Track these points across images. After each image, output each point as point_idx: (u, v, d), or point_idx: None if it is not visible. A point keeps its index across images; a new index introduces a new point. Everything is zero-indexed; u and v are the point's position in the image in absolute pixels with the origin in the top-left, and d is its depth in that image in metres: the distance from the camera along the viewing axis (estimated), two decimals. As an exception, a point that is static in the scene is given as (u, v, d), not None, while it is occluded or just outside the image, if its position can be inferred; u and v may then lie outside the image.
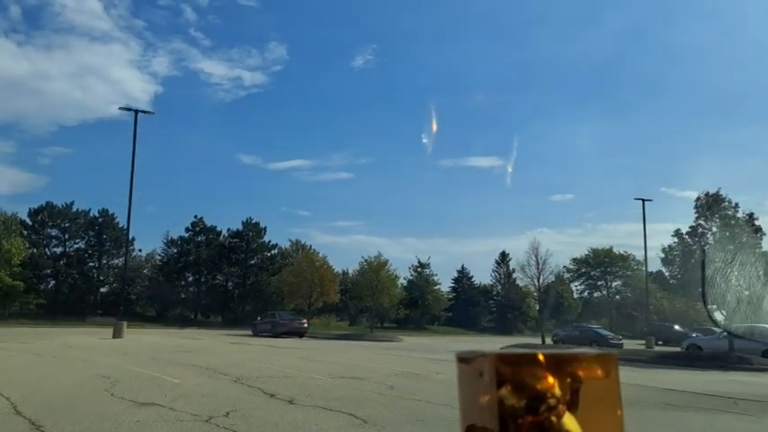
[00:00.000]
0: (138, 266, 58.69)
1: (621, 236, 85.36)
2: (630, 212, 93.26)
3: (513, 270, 75.73)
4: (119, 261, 56.98)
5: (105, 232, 56.92)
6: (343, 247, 72.63)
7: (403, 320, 71.25)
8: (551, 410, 0.83)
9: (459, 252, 54.38)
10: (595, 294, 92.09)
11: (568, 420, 0.84)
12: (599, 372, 0.86)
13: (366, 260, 46.86)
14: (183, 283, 60.65)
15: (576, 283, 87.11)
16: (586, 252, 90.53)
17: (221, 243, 62.00)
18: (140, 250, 60.07)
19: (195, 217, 61.77)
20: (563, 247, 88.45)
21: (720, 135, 78.35)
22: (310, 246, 54.83)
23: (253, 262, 62.58)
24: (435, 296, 68.09)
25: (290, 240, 63.96)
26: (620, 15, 79.73)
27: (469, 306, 73.62)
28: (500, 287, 76.68)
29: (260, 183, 75.55)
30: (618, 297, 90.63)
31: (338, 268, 56.54)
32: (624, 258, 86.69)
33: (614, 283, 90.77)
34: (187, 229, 61.44)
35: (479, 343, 41.99)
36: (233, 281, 62.42)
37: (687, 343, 30.34)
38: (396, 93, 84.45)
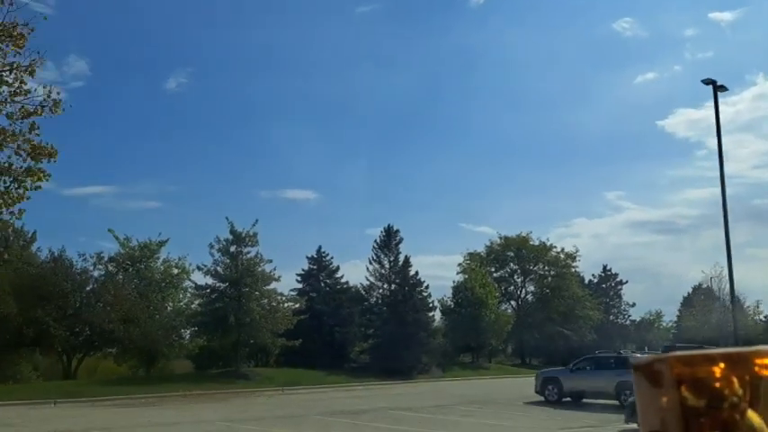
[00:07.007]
0: None
1: (432, 267, 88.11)
2: (436, 246, 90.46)
3: (409, 257, 40.62)
4: None
5: None
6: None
7: (201, 358, 33.72)
8: (734, 408, 0.80)
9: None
10: (502, 306, 60.02)
11: (753, 417, 0.80)
12: None
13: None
14: None
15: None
16: (488, 243, 59.18)
17: None
18: None
19: None
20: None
21: (511, 176, 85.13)
22: None
23: None
24: (271, 308, 30.73)
25: None
26: (423, 65, 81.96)
27: (334, 326, 37.46)
28: (387, 287, 40.50)
29: (53, 210, 58.83)
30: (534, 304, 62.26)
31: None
32: (546, 249, 57.29)
33: (529, 288, 61.64)
34: None
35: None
36: None
37: None
38: (212, 119, 77.82)
